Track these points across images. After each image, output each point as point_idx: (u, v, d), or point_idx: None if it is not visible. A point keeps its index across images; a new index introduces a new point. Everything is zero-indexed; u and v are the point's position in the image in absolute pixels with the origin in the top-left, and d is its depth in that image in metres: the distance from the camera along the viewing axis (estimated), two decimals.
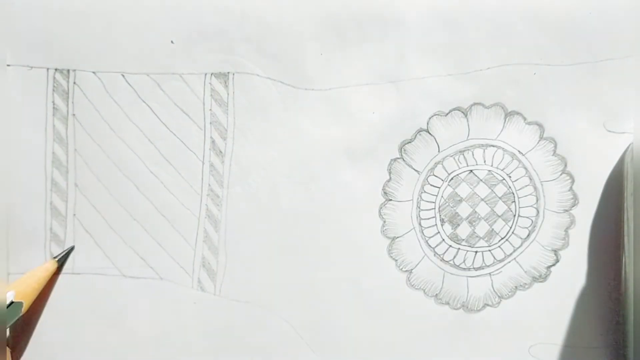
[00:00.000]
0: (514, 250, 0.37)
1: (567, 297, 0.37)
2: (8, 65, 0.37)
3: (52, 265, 0.37)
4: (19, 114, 0.37)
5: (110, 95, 0.37)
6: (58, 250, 0.37)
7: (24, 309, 0.35)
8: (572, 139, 0.37)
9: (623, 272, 0.36)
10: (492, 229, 0.37)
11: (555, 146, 0.37)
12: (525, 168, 0.37)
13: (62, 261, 0.37)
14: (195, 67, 0.37)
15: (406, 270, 0.37)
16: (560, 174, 0.37)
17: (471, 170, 0.37)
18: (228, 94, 0.37)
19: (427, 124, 0.37)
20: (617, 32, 0.36)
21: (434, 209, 0.37)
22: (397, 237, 0.37)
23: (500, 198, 0.37)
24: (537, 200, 0.37)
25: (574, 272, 0.37)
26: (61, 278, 0.37)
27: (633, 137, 0.36)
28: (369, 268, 0.37)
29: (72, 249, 0.37)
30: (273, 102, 0.37)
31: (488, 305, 0.37)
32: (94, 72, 0.37)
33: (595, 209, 0.37)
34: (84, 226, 0.37)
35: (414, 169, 0.37)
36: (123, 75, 0.37)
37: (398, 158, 0.37)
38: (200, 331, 0.37)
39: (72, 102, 0.37)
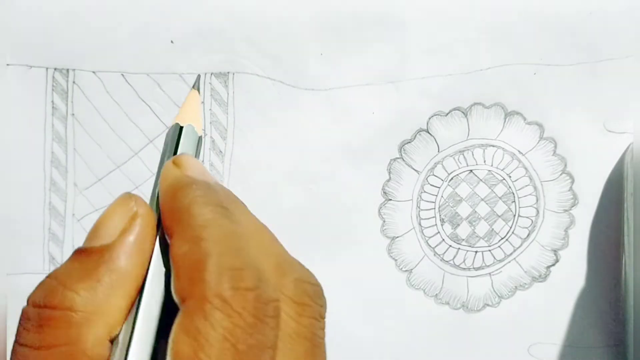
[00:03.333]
0: (514, 250, 0.37)
1: (567, 297, 0.37)
2: (7, 64, 0.37)
3: (195, 95, 0.30)
4: (18, 114, 0.37)
5: (110, 95, 0.37)
6: (57, 250, 0.37)
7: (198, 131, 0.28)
8: (572, 139, 0.37)
9: (623, 272, 0.36)
10: (492, 229, 0.37)
11: (555, 146, 0.37)
12: (525, 168, 0.37)
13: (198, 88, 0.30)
14: (195, 67, 0.37)
15: (406, 270, 0.37)
16: (560, 174, 0.37)
17: (471, 170, 0.37)
18: (228, 94, 0.37)
19: (427, 124, 0.37)
20: (617, 32, 0.36)
21: (434, 208, 0.37)
22: (397, 237, 0.37)
23: (500, 198, 0.37)
24: (537, 200, 0.37)
25: (573, 272, 0.37)
26: None
27: (633, 137, 0.36)
28: (369, 268, 0.37)
29: (198, 77, 0.31)
30: (273, 102, 0.37)
31: (488, 305, 0.37)
32: (93, 72, 0.37)
33: (595, 209, 0.37)
34: (83, 226, 0.37)
35: (413, 169, 0.37)
36: (123, 75, 0.37)
37: (398, 158, 0.37)
38: None
39: (72, 102, 0.37)
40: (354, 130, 0.37)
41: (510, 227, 0.37)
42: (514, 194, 0.37)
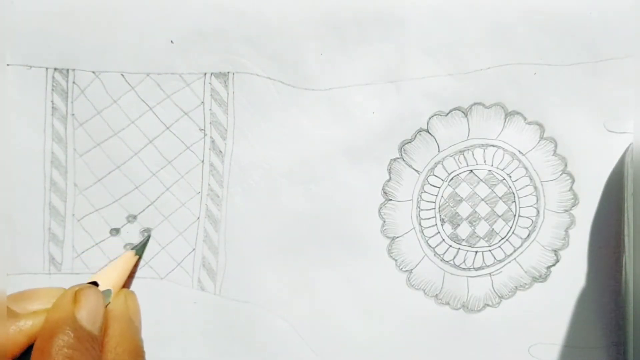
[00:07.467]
0: (514, 250, 0.37)
1: (567, 297, 0.37)
2: (7, 64, 0.37)
3: (131, 258, 0.37)
4: (18, 114, 0.37)
5: (109, 95, 0.37)
6: (56, 250, 0.37)
7: (112, 296, 0.34)
8: (572, 139, 0.37)
9: (623, 272, 0.36)
10: (492, 229, 0.37)
11: (555, 146, 0.37)
12: (526, 168, 0.37)
13: (140, 253, 0.37)
14: (195, 67, 0.37)
15: (406, 270, 0.37)
16: (560, 174, 0.37)
17: (471, 170, 0.37)
18: (228, 94, 0.37)
19: (427, 124, 0.37)
20: (617, 32, 0.36)
21: (434, 209, 0.37)
22: (397, 237, 0.37)
23: (500, 198, 0.37)
24: (537, 200, 0.37)
25: (574, 272, 0.37)
26: (60, 278, 0.37)
27: (633, 137, 0.36)
28: (369, 268, 0.37)
29: (148, 238, 0.37)
30: (273, 102, 0.37)
31: (488, 305, 0.37)
32: (93, 72, 0.37)
33: (595, 209, 0.37)
34: (83, 226, 0.37)
35: (414, 169, 0.37)
36: (123, 75, 0.37)
37: (398, 158, 0.37)
38: (200, 331, 0.37)
39: (72, 102, 0.37)
40: (354, 130, 0.37)
41: (511, 227, 0.37)
42: (514, 194, 0.37)
